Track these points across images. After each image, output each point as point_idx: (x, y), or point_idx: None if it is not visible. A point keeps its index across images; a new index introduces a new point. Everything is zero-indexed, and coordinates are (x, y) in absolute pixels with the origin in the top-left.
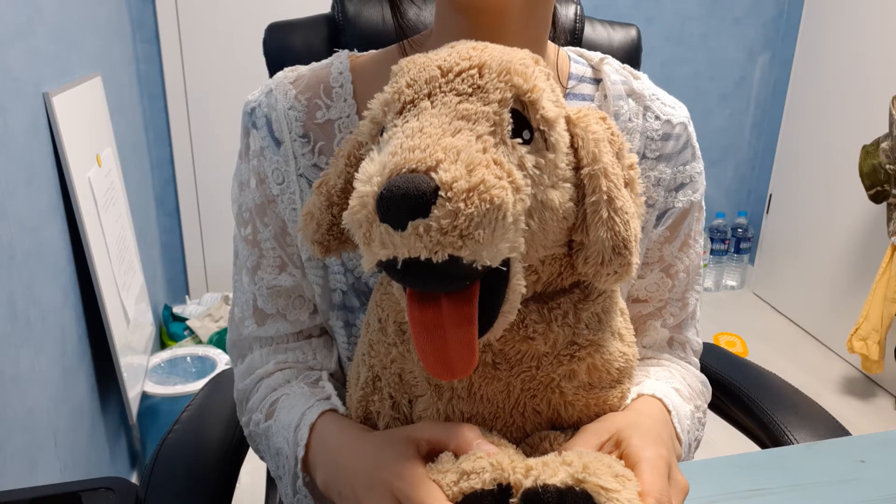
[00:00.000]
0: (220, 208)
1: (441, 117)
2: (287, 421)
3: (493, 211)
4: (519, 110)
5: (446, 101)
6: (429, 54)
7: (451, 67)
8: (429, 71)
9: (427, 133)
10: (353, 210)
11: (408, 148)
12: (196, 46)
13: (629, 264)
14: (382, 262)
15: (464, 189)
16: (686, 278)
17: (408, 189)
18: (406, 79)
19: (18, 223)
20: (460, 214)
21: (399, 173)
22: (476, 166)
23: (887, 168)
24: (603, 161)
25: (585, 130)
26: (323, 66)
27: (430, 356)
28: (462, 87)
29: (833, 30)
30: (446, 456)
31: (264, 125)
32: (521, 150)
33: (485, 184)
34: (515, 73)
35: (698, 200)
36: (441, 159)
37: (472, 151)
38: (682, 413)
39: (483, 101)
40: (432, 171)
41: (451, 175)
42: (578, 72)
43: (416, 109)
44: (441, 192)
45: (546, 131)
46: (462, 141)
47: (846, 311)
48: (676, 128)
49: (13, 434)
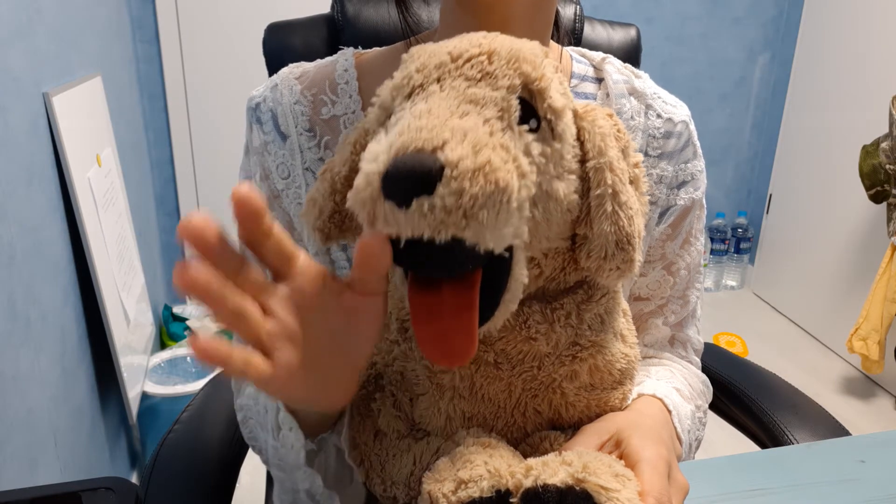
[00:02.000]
0: (221, 208)
1: (449, 100)
2: None
3: (497, 193)
4: (527, 99)
5: (455, 86)
6: (439, 43)
7: (461, 54)
8: (439, 56)
9: (434, 114)
10: (359, 188)
11: (415, 128)
12: (196, 46)
13: (632, 260)
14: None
15: (469, 168)
16: (687, 276)
17: (413, 166)
18: (416, 64)
19: (18, 223)
20: (465, 193)
21: (405, 152)
22: (482, 147)
23: (887, 168)
24: (609, 155)
25: (592, 124)
26: (328, 63)
27: (429, 341)
28: (471, 72)
29: (833, 30)
30: (443, 464)
31: (269, 120)
32: (527, 137)
33: (490, 165)
34: (525, 61)
35: (699, 198)
36: (447, 139)
37: (479, 133)
38: (683, 413)
39: (492, 87)
40: (438, 150)
41: (458, 154)
42: (581, 71)
43: (424, 93)
44: (447, 170)
45: (553, 120)
46: (469, 123)
47: (846, 311)
48: (678, 126)
49: (13, 434)
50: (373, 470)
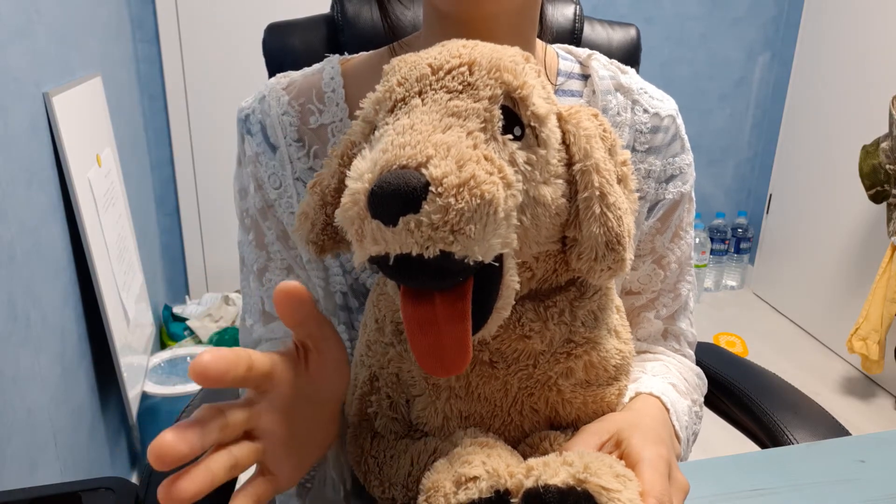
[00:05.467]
0: (220, 208)
1: (432, 114)
2: None
3: (483, 206)
4: (510, 107)
5: (437, 99)
6: (419, 53)
7: (442, 65)
8: (419, 69)
9: (418, 130)
10: (345, 207)
11: (398, 145)
12: (196, 46)
13: (623, 260)
14: (375, 259)
15: (454, 184)
16: (678, 269)
17: (398, 185)
18: (397, 77)
19: (18, 223)
20: (451, 209)
21: (390, 170)
22: (466, 162)
23: (887, 168)
24: (595, 157)
25: (577, 127)
26: (315, 72)
27: (424, 353)
28: (452, 84)
29: (833, 30)
30: (441, 464)
31: (259, 131)
32: (512, 146)
33: (475, 179)
34: (505, 70)
35: (688, 192)
36: (431, 155)
37: (462, 147)
38: (680, 409)
39: (473, 98)
40: (423, 167)
41: (442, 170)
42: (567, 68)
43: (407, 107)
44: (431, 187)
45: (537, 127)
46: (452, 137)
47: (846, 311)
48: (665, 120)
49: (13, 434)
50: (370, 472)
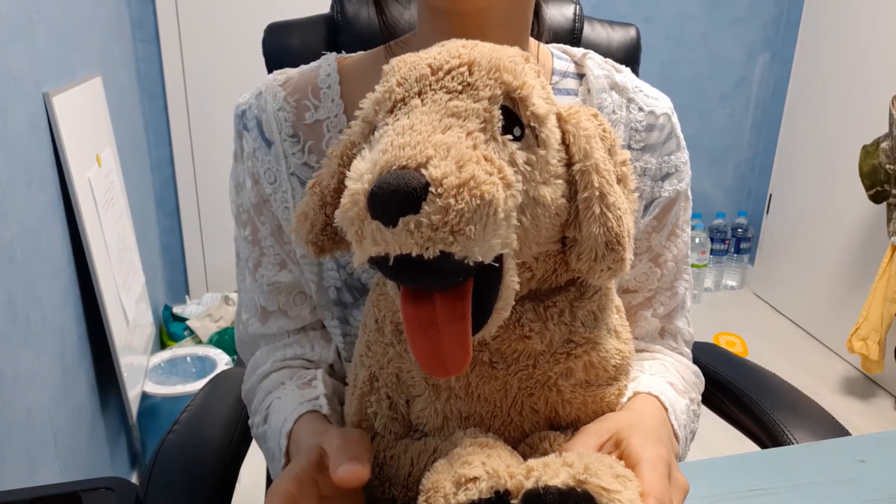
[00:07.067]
0: (220, 208)
1: (431, 115)
2: (275, 426)
3: (483, 207)
4: (509, 107)
5: (436, 99)
6: (419, 53)
7: (441, 65)
8: (419, 69)
9: (417, 130)
10: (345, 208)
11: (398, 145)
12: (196, 46)
13: (622, 260)
14: (374, 260)
15: (454, 185)
16: (675, 267)
17: (398, 185)
18: (397, 77)
19: (18, 223)
20: (451, 210)
21: (389, 170)
22: (466, 162)
23: (887, 168)
24: (594, 157)
25: (577, 127)
26: (311, 69)
27: (424, 354)
28: (452, 84)
29: (833, 30)
30: (441, 464)
31: (255, 127)
32: (511, 146)
33: (475, 179)
34: (505, 70)
35: (684, 190)
36: (431, 156)
37: (462, 148)
38: (679, 408)
39: (473, 99)
40: (422, 167)
41: (441, 171)
42: (562, 67)
43: (406, 108)
44: (431, 188)
45: (537, 127)
46: (452, 138)
47: (846, 311)
48: (660, 118)
49: (13, 434)
50: (370, 471)
